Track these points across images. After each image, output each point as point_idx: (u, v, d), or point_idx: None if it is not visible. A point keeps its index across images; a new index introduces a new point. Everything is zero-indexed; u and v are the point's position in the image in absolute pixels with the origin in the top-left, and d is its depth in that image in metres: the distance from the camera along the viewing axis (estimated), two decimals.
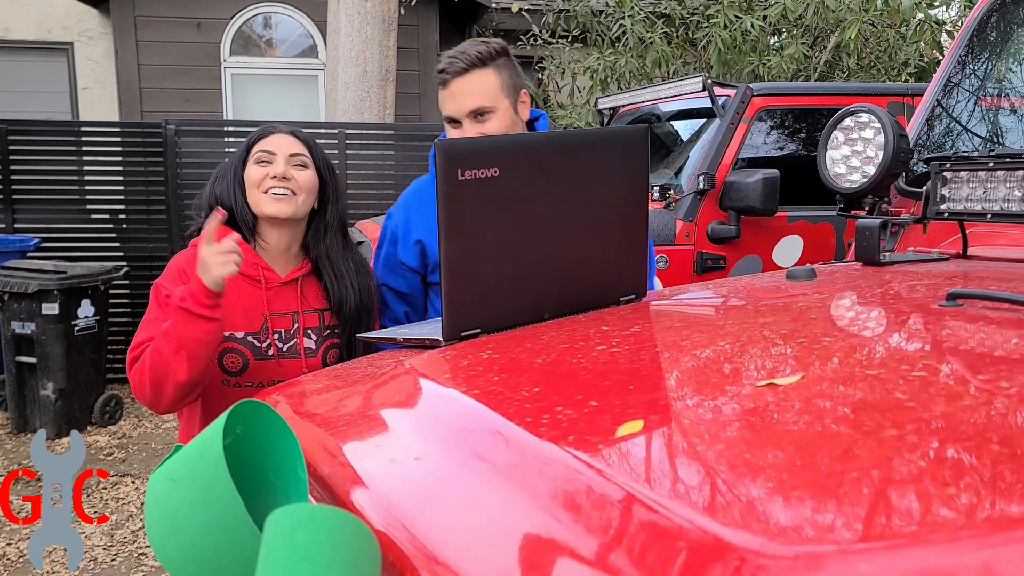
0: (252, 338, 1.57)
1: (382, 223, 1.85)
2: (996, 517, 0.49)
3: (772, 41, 6.53)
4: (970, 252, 1.52)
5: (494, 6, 7.85)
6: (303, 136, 1.65)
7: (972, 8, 2.40)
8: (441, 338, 1.12)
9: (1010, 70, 1.77)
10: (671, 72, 6.55)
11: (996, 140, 1.71)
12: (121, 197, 5.18)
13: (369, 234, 3.57)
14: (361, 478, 0.77)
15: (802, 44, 6.00)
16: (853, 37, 5.75)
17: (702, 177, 3.70)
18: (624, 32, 6.50)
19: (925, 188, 1.57)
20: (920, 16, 6.12)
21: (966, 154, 1.52)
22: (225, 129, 5.71)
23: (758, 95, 3.89)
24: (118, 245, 5.13)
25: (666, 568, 0.49)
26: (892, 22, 6.16)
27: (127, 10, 7.12)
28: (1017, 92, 1.74)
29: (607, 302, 1.29)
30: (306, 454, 0.84)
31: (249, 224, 1.61)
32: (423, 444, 0.78)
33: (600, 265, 1.27)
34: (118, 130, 5.45)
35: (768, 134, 4.05)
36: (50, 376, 4.23)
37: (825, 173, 1.66)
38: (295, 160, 1.60)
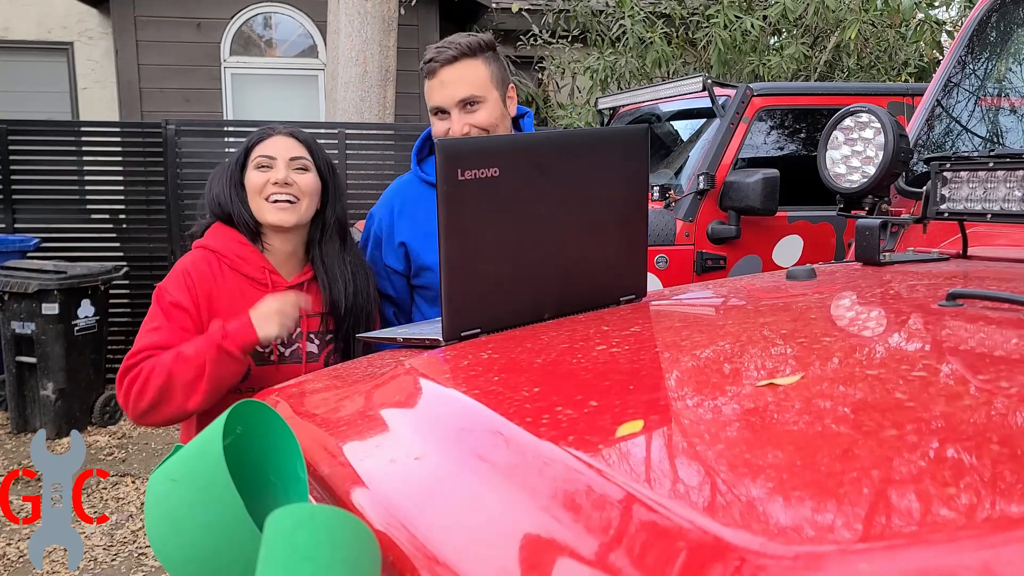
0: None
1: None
2: (996, 517, 0.49)
3: (772, 41, 6.53)
4: (970, 252, 1.52)
5: (494, 6, 7.85)
6: (303, 137, 1.63)
7: (972, 8, 2.40)
8: (441, 338, 1.12)
9: (1010, 70, 1.77)
10: (671, 72, 6.55)
11: (996, 140, 1.71)
12: (121, 197, 5.18)
13: None
14: (361, 478, 0.77)
15: (802, 44, 6.00)
16: (853, 37, 5.75)
17: (702, 177, 3.70)
18: (624, 32, 6.50)
19: (925, 188, 1.57)
20: (920, 16, 6.11)
21: (966, 154, 1.52)
22: (225, 129, 5.71)
23: (758, 95, 3.89)
24: (118, 245, 5.13)
25: (666, 568, 0.49)
26: (892, 22, 6.16)
27: (127, 10, 7.12)
28: (1017, 92, 1.74)
29: (607, 302, 1.29)
30: (306, 454, 0.84)
31: (251, 228, 1.59)
32: (423, 444, 0.78)
33: (600, 265, 1.27)
34: (118, 130, 5.46)
35: (768, 134, 4.05)
36: (50, 376, 4.23)
37: (825, 173, 1.66)
38: (296, 164, 1.58)
